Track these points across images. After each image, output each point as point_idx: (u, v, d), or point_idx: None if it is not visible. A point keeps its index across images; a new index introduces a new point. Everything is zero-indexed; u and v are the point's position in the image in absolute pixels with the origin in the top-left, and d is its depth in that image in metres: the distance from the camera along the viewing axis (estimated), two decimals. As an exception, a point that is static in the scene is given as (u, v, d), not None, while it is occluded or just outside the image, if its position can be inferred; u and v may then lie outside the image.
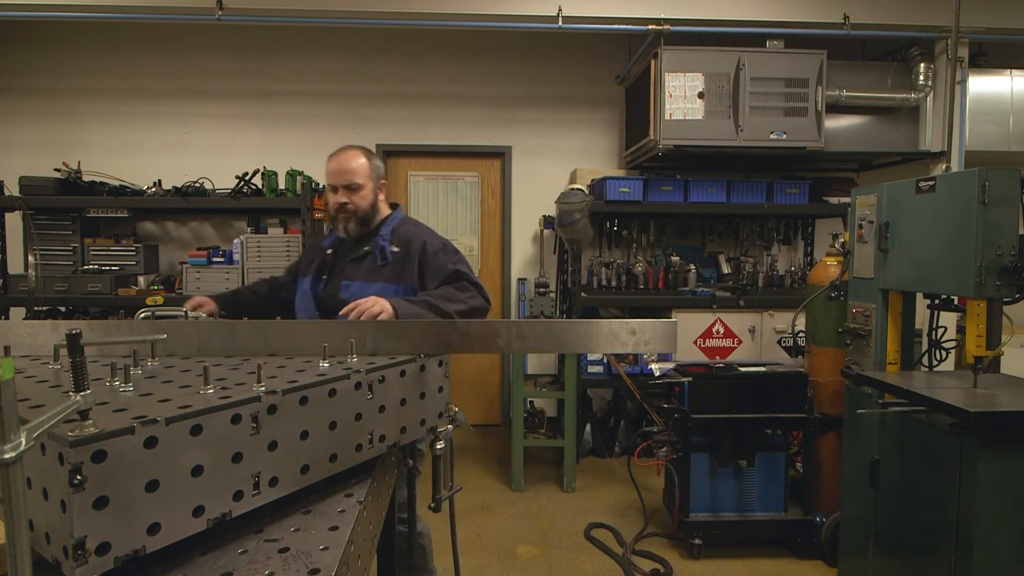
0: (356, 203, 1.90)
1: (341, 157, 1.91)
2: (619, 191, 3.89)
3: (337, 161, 1.91)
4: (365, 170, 1.91)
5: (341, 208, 1.89)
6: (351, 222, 1.91)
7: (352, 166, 1.89)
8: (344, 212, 1.89)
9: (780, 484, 2.76)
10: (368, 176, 1.91)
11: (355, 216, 1.90)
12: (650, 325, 1.21)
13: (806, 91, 3.78)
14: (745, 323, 3.86)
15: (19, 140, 4.32)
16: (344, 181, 1.88)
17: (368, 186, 1.91)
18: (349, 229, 1.91)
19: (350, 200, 1.89)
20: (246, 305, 1.97)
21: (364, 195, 1.91)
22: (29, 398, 0.82)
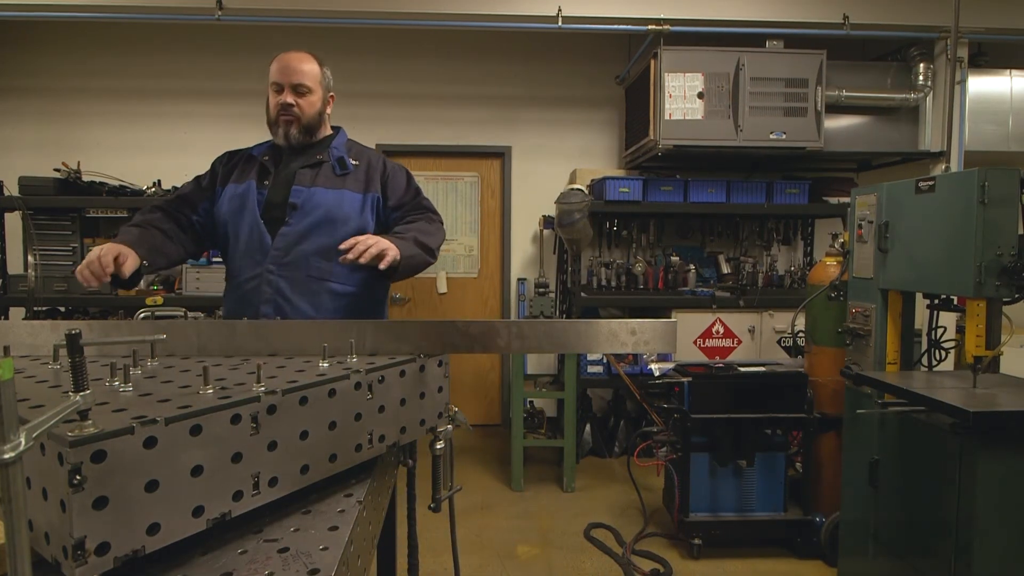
0: (303, 107, 1.72)
1: (290, 56, 1.73)
2: (619, 191, 3.89)
3: (285, 59, 1.72)
4: (316, 75, 1.75)
5: (285, 109, 1.70)
6: (293, 127, 1.72)
7: (303, 67, 1.72)
8: (288, 115, 1.71)
9: (780, 484, 2.76)
10: (318, 82, 1.76)
11: (299, 122, 1.72)
12: (650, 325, 1.21)
13: (806, 91, 3.78)
14: (745, 323, 3.86)
15: (19, 140, 4.32)
16: (292, 80, 1.70)
17: (318, 93, 1.75)
18: (291, 135, 1.73)
19: (296, 103, 1.71)
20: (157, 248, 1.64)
21: (312, 101, 1.74)
22: (29, 398, 0.82)
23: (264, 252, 1.68)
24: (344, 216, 1.71)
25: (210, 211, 1.78)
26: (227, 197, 1.74)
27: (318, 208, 1.69)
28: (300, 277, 1.66)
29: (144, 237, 1.59)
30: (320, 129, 1.80)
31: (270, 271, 1.67)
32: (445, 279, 4.62)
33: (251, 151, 1.81)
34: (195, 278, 3.81)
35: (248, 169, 1.76)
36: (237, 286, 1.73)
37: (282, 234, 1.67)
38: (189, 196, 1.77)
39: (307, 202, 1.69)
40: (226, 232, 1.75)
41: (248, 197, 1.71)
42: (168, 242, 1.66)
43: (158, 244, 1.62)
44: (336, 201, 1.70)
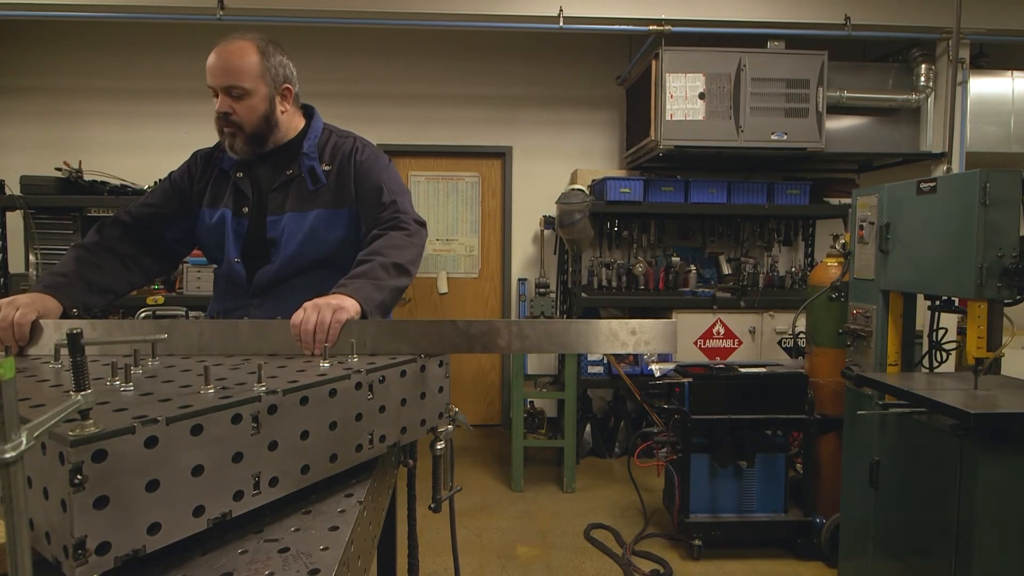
0: (241, 114, 1.43)
1: (221, 50, 1.41)
2: (620, 191, 3.89)
3: (213, 56, 1.41)
4: (254, 71, 1.42)
5: (223, 119, 1.44)
6: (237, 139, 1.45)
7: (235, 63, 1.40)
8: (227, 124, 1.44)
9: (780, 485, 2.76)
10: (258, 78, 1.43)
11: (241, 132, 1.44)
12: (650, 325, 1.21)
13: (807, 92, 3.78)
14: (745, 324, 3.86)
15: (20, 139, 4.32)
16: (223, 83, 1.41)
17: (259, 92, 1.43)
18: (236, 148, 1.46)
19: (233, 110, 1.42)
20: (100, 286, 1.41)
21: (253, 104, 1.43)
22: (30, 397, 0.82)
23: (245, 289, 1.53)
24: (324, 236, 1.53)
25: (189, 228, 1.57)
26: (204, 225, 1.55)
27: (295, 236, 1.50)
28: (287, 307, 1.32)
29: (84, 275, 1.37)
30: (275, 132, 1.51)
31: (254, 304, 1.52)
32: (446, 279, 4.62)
33: (222, 164, 1.56)
34: (196, 277, 3.81)
35: (221, 190, 1.54)
36: (224, 311, 1.57)
37: (263, 272, 1.52)
38: (161, 211, 1.55)
39: (284, 232, 1.50)
40: (210, 254, 1.61)
41: (224, 230, 1.51)
42: (122, 272, 1.46)
43: (103, 280, 1.41)
44: (313, 225, 1.51)
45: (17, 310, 1.14)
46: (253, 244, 1.53)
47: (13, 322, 1.12)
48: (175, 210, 1.56)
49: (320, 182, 1.53)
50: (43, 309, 1.21)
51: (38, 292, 1.28)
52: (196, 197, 1.57)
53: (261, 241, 1.52)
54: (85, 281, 1.38)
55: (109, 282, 1.43)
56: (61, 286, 1.32)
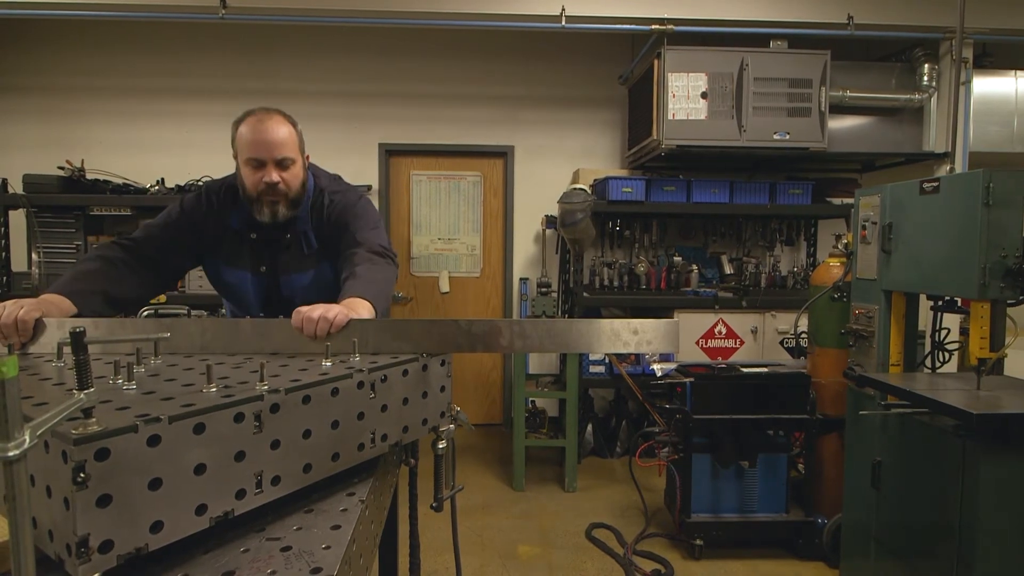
0: (289, 183, 1.53)
1: (266, 125, 1.50)
2: (622, 191, 3.88)
3: (261, 130, 1.50)
4: (295, 140, 1.56)
5: (271, 189, 1.51)
6: (281, 205, 1.54)
7: (282, 136, 1.51)
8: (274, 195, 1.52)
9: (782, 485, 2.75)
10: (298, 148, 1.57)
11: (286, 199, 1.54)
12: (652, 325, 1.20)
13: (810, 91, 3.77)
14: (747, 324, 3.86)
15: (23, 138, 4.33)
16: (276, 155, 1.51)
17: (299, 161, 1.57)
18: (279, 214, 1.54)
19: (282, 179, 1.51)
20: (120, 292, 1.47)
21: (296, 172, 1.56)
22: (33, 396, 0.83)
23: None
24: (330, 284, 1.61)
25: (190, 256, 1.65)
26: (225, 282, 1.65)
27: (304, 292, 1.63)
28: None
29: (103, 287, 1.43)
30: (305, 194, 1.62)
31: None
32: (447, 278, 4.62)
33: (232, 223, 1.62)
34: (199, 276, 3.82)
35: (237, 249, 1.63)
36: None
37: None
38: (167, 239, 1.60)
39: (296, 290, 1.63)
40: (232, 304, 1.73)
41: (246, 288, 1.63)
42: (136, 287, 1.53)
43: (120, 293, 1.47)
44: (315, 280, 1.64)
45: (22, 308, 1.16)
46: (272, 300, 1.65)
47: (17, 319, 1.14)
48: (180, 241, 1.63)
49: (312, 247, 1.64)
50: (49, 310, 1.24)
51: (55, 294, 1.31)
52: (208, 242, 1.65)
53: (278, 298, 1.65)
54: (104, 293, 1.43)
55: (124, 295, 1.49)
56: (83, 293, 1.37)
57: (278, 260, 1.64)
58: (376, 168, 4.51)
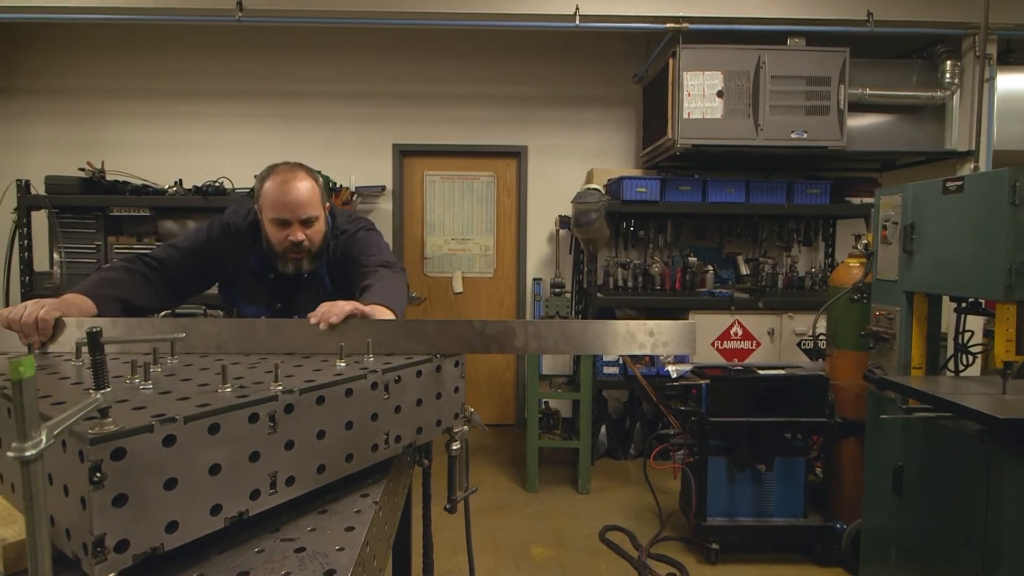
0: (312, 239, 1.57)
1: (291, 186, 1.54)
2: (636, 191, 3.86)
3: (286, 191, 1.53)
4: (317, 196, 1.58)
5: (295, 247, 1.56)
6: (304, 261, 1.60)
7: (305, 194, 1.54)
8: (298, 252, 1.57)
9: (799, 489, 2.71)
10: (320, 203, 1.60)
11: (309, 254, 1.60)
12: (668, 326, 1.19)
13: (828, 89, 3.72)
14: (764, 325, 3.81)
15: (44, 139, 4.41)
16: (301, 215, 1.55)
17: (322, 215, 1.61)
18: (303, 268, 1.61)
19: (306, 237, 1.56)
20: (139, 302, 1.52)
21: (319, 228, 1.60)
22: (51, 395, 0.83)
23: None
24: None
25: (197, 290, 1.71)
26: (241, 314, 1.71)
27: None
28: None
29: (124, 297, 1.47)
30: (326, 245, 1.67)
31: None
32: (461, 279, 4.63)
33: (251, 261, 1.66)
34: (214, 276, 3.85)
35: (256, 289, 1.68)
36: None
37: None
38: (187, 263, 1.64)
39: None
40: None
41: None
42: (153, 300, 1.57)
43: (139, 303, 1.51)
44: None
45: (43, 308, 1.18)
46: None
47: (37, 318, 1.16)
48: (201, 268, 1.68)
49: (327, 289, 1.68)
50: (69, 310, 1.26)
51: (77, 295, 1.34)
52: (226, 273, 1.71)
53: None
54: (123, 301, 1.47)
55: (142, 305, 1.53)
56: (105, 298, 1.40)
57: (294, 299, 1.67)
58: (390, 169, 4.53)
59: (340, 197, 4.03)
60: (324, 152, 4.36)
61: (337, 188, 4.07)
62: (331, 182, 3.92)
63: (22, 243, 3.78)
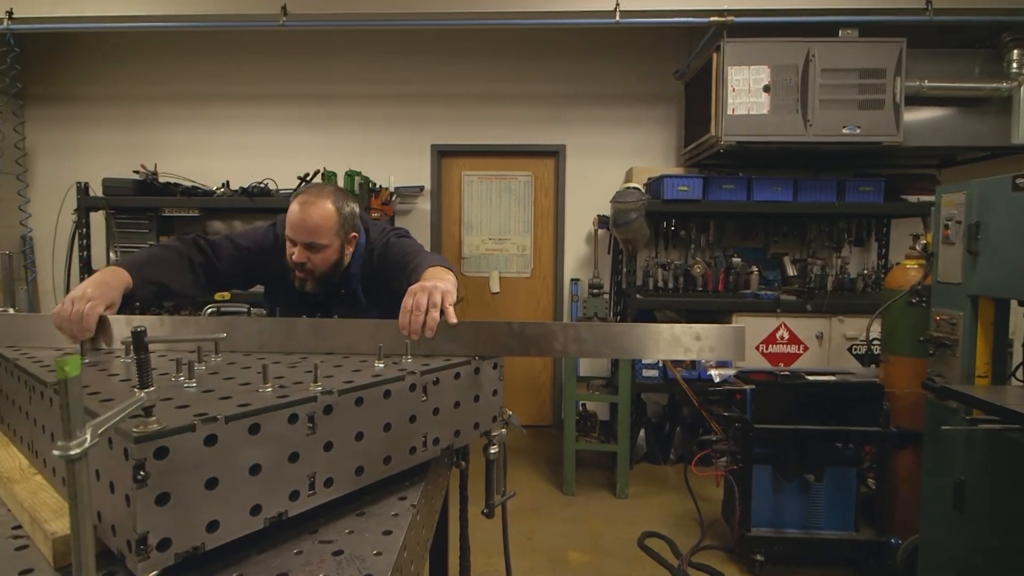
0: (316, 264, 1.59)
1: (306, 208, 1.55)
2: (677, 190, 3.76)
3: (300, 215, 1.55)
4: (331, 225, 1.57)
5: (299, 266, 1.60)
6: (308, 283, 1.62)
7: (315, 222, 1.55)
8: (302, 271, 1.60)
9: (851, 501, 2.59)
10: (334, 233, 1.59)
11: (313, 276, 1.61)
12: (716, 331, 1.14)
13: (883, 82, 3.55)
14: (812, 329, 3.66)
15: (103, 144, 4.62)
16: (305, 239, 1.56)
17: (333, 245, 1.59)
18: (307, 287, 1.63)
19: (309, 260, 1.58)
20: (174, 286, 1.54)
21: (326, 256, 1.59)
22: (100, 391, 0.85)
23: None
24: None
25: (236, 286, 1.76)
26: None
27: None
28: None
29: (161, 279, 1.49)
30: (339, 270, 1.66)
31: None
32: (498, 279, 4.61)
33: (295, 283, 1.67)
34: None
35: (298, 300, 1.71)
36: None
37: None
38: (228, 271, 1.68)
39: None
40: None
41: None
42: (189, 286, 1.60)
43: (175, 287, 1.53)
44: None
45: (87, 303, 1.19)
46: None
47: (83, 314, 1.18)
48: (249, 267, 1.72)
49: (360, 302, 1.71)
50: (111, 299, 1.26)
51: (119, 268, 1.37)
52: (269, 278, 1.75)
53: None
54: (161, 284, 1.50)
55: (180, 290, 1.57)
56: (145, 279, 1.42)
57: (331, 312, 1.70)
58: (428, 169, 4.55)
59: (379, 197, 4.08)
60: (364, 153, 4.42)
61: (376, 189, 4.12)
62: (371, 183, 3.97)
63: (82, 242, 3.95)
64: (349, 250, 1.67)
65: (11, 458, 0.97)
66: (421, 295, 1.14)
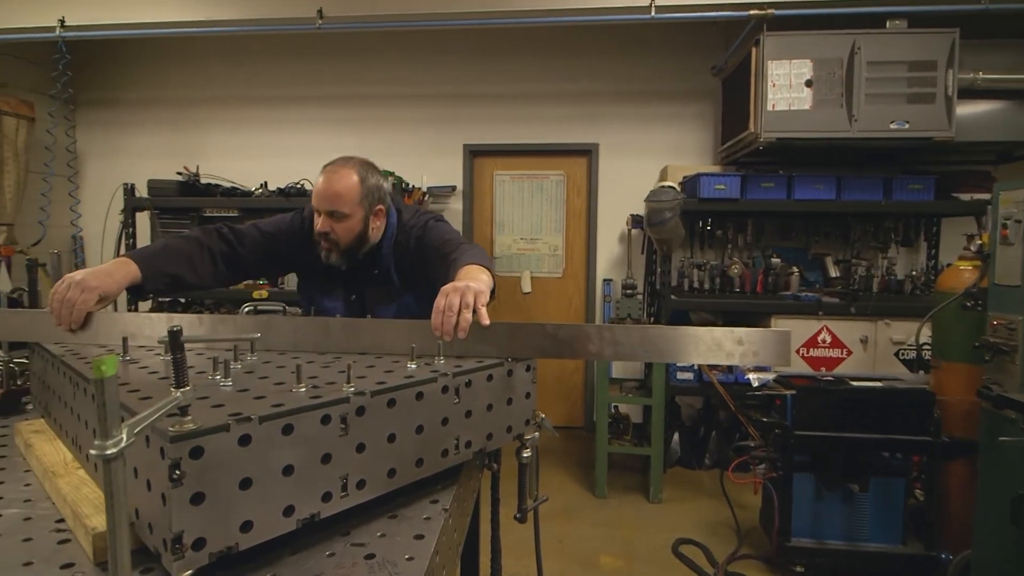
0: (338, 234, 1.58)
1: (329, 177, 1.57)
2: (714, 188, 3.67)
3: (324, 183, 1.56)
4: (354, 195, 1.57)
5: (322, 236, 1.60)
6: (333, 253, 1.61)
7: (338, 189, 1.55)
8: (326, 241, 1.60)
9: (898, 513, 2.47)
10: (357, 203, 1.57)
11: (337, 247, 1.60)
12: (759, 335, 1.09)
13: (934, 75, 3.38)
14: (856, 332, 3.52)
15: (148, 146, 4.78)
16: (328, 207, 1.56)
17: (357, 215, 1.58)
18: (331, 259, 1.62)
19: (332, 230, 1.57)
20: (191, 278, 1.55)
21: (350, 226, 1.58)
22: (139, 389, 0.86)
23: None
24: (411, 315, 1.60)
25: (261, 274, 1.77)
26: (320, 305, 1.74)
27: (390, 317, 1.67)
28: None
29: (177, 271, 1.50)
30: (364, 245, 1.64)
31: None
32: (529, 278, 4.59)
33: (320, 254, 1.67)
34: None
35: (331, 281, 1.72)
36: None
37: None
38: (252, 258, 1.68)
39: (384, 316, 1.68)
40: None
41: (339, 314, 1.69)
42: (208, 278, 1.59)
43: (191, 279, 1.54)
44: (398, 311, 1.68)
45: (82, 293, 1.21)
46: None
47: (74, 305, 1.20)
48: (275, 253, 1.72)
49: (393, 283, 1.70)
50: (108, 291, 1.28)
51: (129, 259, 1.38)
52: (301, 263, 1.75)
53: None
54: (176, 277, 1.50)
55: (196, 282, 1.57)
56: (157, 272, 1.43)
57: (366, 292, 1.72)
58: (460, 169, 4.56)
59: (412, 197, 4.10)
60: (397, 153, 4.45)
61: (410, 188, 4.14)
62: (403, 182, 3.99)
63: (128, 241, 4.09)
64: (376, 223, 1.65)
65: (56, 452, 0.99)
66: (453, 295, 1.13)
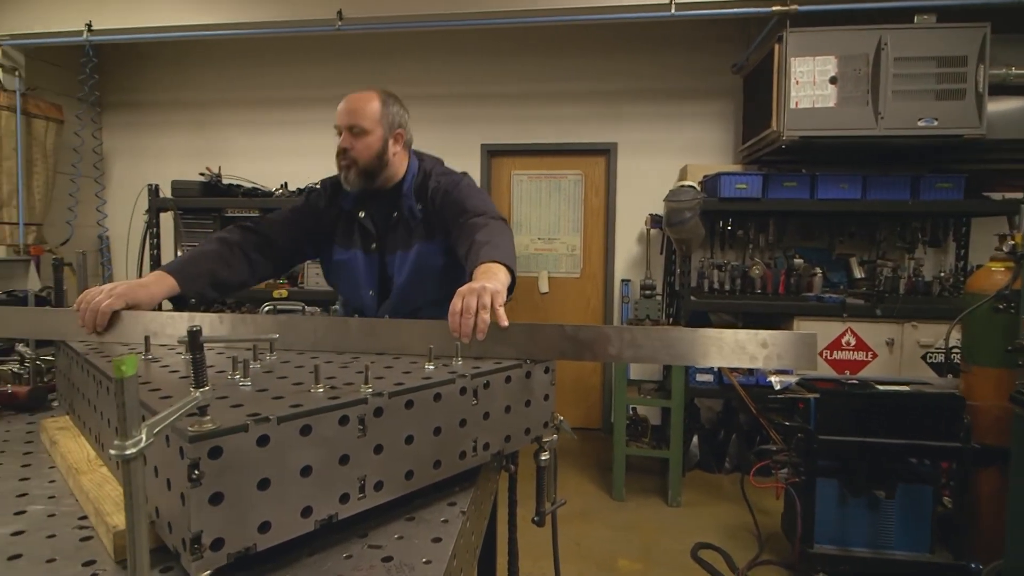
0: (358, 150, 1.62)
1: (351, 96, 1.65)
2: (735, 188, 3.62)
3: (346, 99, 1.65)
4: (375, 114, 1.63)
5: (342, 154, 1.64)
6: (351, 172, 1.64)
7: (359, 106, 1.62)
8: (345, 159, 1.64)
9: (925, 521, 2.41)
10: (377, 121, 1.63)
11: (355, 165, 1.63)
12: (784, 337, 1.06)
13: (964, 71, 3.29)
14: (882, 335, 3.44)
15: (172, 147, 4.87)
16: (347, 122, 1.62)
17: (376, 133, 1.63)
18: (349, 179, 1.65)
19: (352, 146, 1.62)
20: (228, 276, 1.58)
21: (369, 143, 1.62)
22: (160, 388, 0.87)
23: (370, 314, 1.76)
24: (428, 265, 1.69)
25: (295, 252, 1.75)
26: (336, 263, 1.76)
27: (404, 270, 1.69)
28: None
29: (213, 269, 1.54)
30: (385, 171, 1.68)
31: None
32: (547, 279, 4.58)
33: (344, 204, 1.74)
34: (315, 273, 4.06)
35: (349, 229, 1.75)
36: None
37: (384, 305, 1.74)
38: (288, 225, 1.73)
39: (398, 268, 1.70)
40: (343, 289, 1.82)
41: (356, 267, 1.73)
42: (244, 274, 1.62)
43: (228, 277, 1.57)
44: (416, 260, 1.69)
45: (108, 299, 1.24)
46: (380, 280, 1.74)
47: (98, 309, 1.22)
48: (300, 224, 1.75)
49: (416, 219, 1.69)
50: (138, 294, 1.30)
51: (164, 272, 1.43)
52: (325, 227, 1.77)
53: (384, 277, 1.73)
54: (211, 275, 1.54)
55: (231, 278, 1.60)
56: (192, 276, 1.48)
57: (386, 239, 1.73)
58: (479, 169, 4.56)
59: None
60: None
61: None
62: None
63: (152, 241, 4.17)
64: (396, 149, 1.68)
65: (80, 449, 1.00)
66: (470, 297, 1.12)
